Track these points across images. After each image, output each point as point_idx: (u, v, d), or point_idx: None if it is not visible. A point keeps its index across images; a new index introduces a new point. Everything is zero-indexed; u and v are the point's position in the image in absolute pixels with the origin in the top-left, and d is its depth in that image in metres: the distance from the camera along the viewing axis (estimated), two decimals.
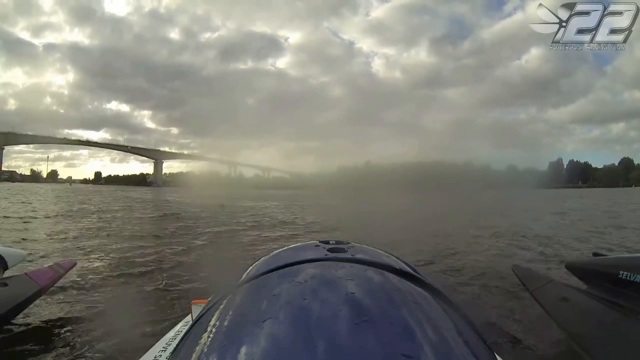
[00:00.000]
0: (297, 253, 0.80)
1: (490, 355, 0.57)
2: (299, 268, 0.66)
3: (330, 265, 0.67)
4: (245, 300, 0.62)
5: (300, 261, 0.69)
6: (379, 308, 0.51)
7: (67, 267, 3.81)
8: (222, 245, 7.82)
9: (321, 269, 0.66)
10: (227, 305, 0.60)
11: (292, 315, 0.50)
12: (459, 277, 5.16)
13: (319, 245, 0.87)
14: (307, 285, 0.58)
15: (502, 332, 3.24)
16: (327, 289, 0.57)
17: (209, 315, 0.59)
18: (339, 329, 0.46)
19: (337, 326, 0.47)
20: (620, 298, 2.48)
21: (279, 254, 0.87)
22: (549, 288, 2.99)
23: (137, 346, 2.76)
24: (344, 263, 0.69)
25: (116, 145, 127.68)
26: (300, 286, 0.58)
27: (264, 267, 0.73)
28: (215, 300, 0.66)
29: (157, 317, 3.46)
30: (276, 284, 0.62)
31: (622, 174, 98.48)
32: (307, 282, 0.59)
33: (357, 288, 0.56)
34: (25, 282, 3.23)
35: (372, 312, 0.49)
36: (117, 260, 5.96)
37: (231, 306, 0.59)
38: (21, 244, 7.01)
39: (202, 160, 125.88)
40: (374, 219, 12.68)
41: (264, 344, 0.45)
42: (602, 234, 9.49)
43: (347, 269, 0.65)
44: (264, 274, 0.68)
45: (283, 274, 0.65)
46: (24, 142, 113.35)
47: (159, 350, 1.27)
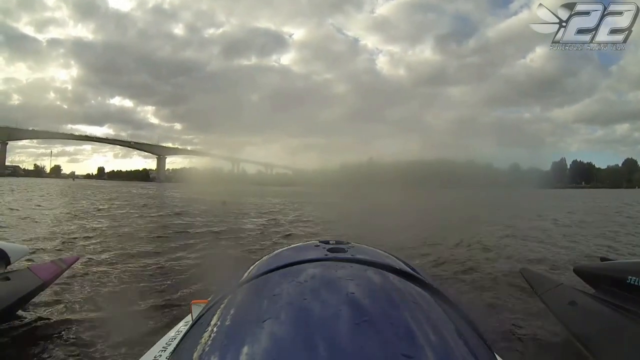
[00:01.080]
0: (297, 253, 0.80)
1: (490, 356, 0.57)
2: (299, 268, 0.66)
3: (330, 265, 0.67)
4: (246, 300, 0.62)
5: (300, 261, 0.69)
6: (379, 308, 0.51)
7: (69, 262, 3.84)
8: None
9: (321, 269, 0.66)
10: (227, 305, 0.60)
11: (293, 315, 0.50)
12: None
13: (319, 245, 0.87)
14: (307, 285, 0.58)
15: (505, 332, 3.24)
16: (328, 289, 0.57)
17: (209, 315, 0.59)
18: (340, 329, 0.46)
19: (337, 326, 0.46)
20: (628, 303, 2.48)
21: (279, 254, 0.87)
22: (557, 292, 3.01)
23: (137, 343, 2.78)
24: (344, 263, 0.68)
25: (119, 140, 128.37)
26: (300, 286, 0.58)
27: (264, 267, 0.73)
28: (215, 300, 0.66)
29: (158, 316, 3.48)
30: (276, 283, 0.62)
31: (625, 175, 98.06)
32: (308, 282, 0.59)
33: (357, 288, 0.56)
34: (28, 277, 3.26)
35: (372, 312, 0.49)
36: (120, 257, 5.99)
37: (231, 306, 0.59)
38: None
39: (205, 156, 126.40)
40: (378, 219, 12.47)
41: (265, 344, 0.45)
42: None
43: (347, 269, 0.65)
44: (264, 274, 0.67)
45: (283, 274, 0.65)
46: (28, 137, 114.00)
47: (159, 350, 1.28)
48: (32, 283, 3.21)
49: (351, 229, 9.74)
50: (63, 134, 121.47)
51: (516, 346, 3.02)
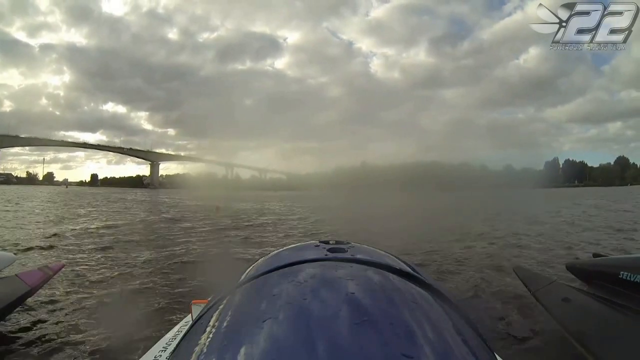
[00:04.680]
0: (297, 253, 0.80)
1: (490, 355, 0.58)
2: (299, 268, 0.66)
3: (330, 265, 0.68)
4: (245, 300, 0.62)
5: (300, 261, 0.69)
6: (379, 308, 0.51)
7: (55, 269, 3.89)
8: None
9: (321, 269, 0.66)
10: (227, 305, 0.60)
11: (292, 315, 0.50)
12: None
13: (319, 245, 0.87)
14: (307, 285, 0.58)
15: (503, 332, 3.25)
16: (327, 289, 0.57)
17: (209, 315, 0.59)
18: (339, 329, 0.46)
19: (337, 326, 0.47)
20: (621, 298, 2.51)
21: (279, 254, 0.87)
22: (550, 289, 3.03)
23: (135, 345, 2.75)
24: (344, 263, 0.69)
25: (113, 147, 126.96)
26: (300, 286, 0.58)
27: (264, 267, 0.73)
28: (215, 300, 0.66)
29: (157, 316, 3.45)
30: (276, 284, 0.62)
31: (617, 173, 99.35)
32: (307, 282, 0.59)
33: (357, 288, 0.56)
34: (15, 283, 3.28)
35: (372, 312, 0.49)
36: (105, 262, 5.97)
37: (231, 306, 0.60)
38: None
39: (199, 162, 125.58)
40: (376, 221, 12.40)
41: (264, 344, 0.45)
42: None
43: (347, 269, 0.65)
44: (263, 274, 0.68)
45: (283, 274, 0.65)
46: (20, 144, 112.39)
47: (159, 350, 1.27)
48: (20, 289, 3.23)
49: (346, 230, 9.77)
50: (56, 141, 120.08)
51: (512, 344, 3.03)
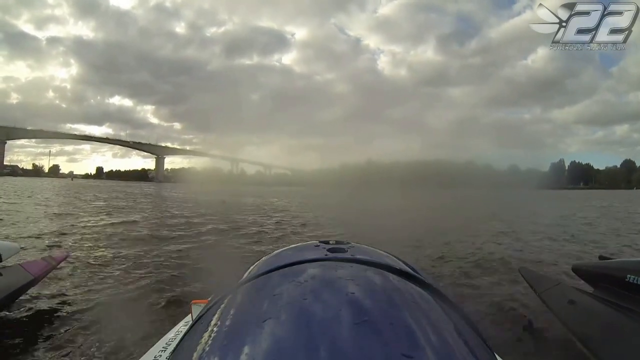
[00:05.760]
0: (297, 253, 0.80)
1: (490, 356, 0.57)
2: (300, 268, 0.66)
3: (330, 265, 0.67)
4: (246, 300, 0.62)
5: (300, 261, 0.69)
6: (379, 308, 0.51)
7: (59, 259, 3.96)
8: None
9: (321, 269, 0.66)
10: (227, 305, 0.60)
11: (293, 315, 0.50)
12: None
13: (319, 245, 0.87)
14: (307, 285, 0.58)
15: (504, 331, 3.24)
16: (328, 289, 0.57)
17: (209, 315, 0.59)
18: (339, 329, 0.46)
19: (337, 326, 0.46)
20: (627, 301, 2.48)
21: (279, 254, 0.87)
22: (556, 290, 3.02)
23: (134, 341, 2.76)
24: (344, 263, 0.69)
25: (118, 140, 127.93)
26: (300, 286, 0.58)
27: (264, 267, 0.73)
28: (215, 300, 0.66)
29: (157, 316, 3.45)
30: (276, 284, 0.62)
31: (623, 176, 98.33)
32: (308, 282, 0.59)
33: (357, 288, 0.56)
34: (19, 273, 3.34)
35: (372, 313, 0.49)
36: (111, 255, 6.00)
37: (231, 306, 0.59)
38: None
39: (205, 156, 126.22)
40: (373, 220, 12.34)
41: (264, 344, 0.45)
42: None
43: (347, 269, 0.65)
44: (264, 274, 0.68)
45: (283, 274, 0.66)
46: (26, 136, 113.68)
47: (159, 350, 1.27)
48: (23, 279, 3.29)
49: (346, 228, 9.76)
50: (62, 134, 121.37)
51: (515, 345, 3.02)
